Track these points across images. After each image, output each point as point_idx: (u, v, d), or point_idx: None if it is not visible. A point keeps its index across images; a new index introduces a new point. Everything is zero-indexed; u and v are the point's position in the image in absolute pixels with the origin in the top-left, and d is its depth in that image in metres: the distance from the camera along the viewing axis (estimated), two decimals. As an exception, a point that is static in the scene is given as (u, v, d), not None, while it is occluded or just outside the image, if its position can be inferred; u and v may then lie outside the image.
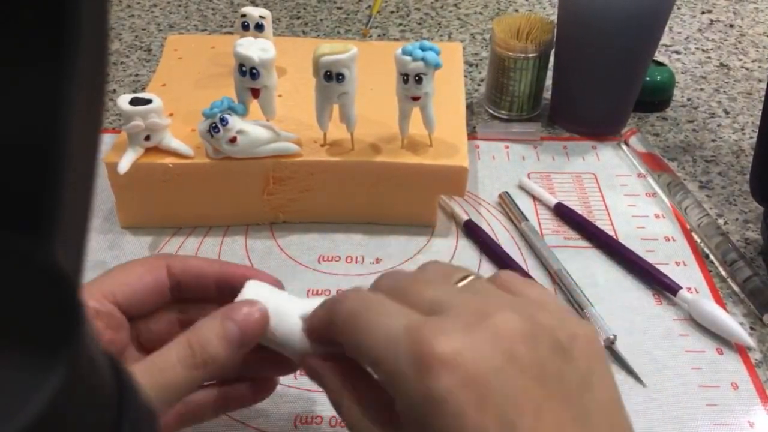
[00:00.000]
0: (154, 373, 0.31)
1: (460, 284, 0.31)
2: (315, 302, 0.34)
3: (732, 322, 0.48)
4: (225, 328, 0.32)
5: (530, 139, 0.66)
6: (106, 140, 0.59)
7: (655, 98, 0.71)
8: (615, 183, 0.62)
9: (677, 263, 0.54)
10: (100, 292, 0.34)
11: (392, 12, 0.89)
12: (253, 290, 0.35)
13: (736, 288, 0.52)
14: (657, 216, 0.59)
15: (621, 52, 0.62)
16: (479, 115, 0.70)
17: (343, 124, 0.52)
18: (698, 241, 0.56)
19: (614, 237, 0.56)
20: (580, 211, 0.58)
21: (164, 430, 0.35)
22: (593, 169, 0.63)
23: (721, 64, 0.79)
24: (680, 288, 0.51)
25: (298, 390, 0.45)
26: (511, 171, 0.63)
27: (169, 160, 0.52)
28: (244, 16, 0.60)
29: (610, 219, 0.58)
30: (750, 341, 0.47)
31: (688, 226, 0.57)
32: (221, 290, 0.36)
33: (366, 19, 0.84)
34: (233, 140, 0.50)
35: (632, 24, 0.60)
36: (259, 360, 0.36)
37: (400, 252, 0.55)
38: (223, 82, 0.58)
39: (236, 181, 0.53)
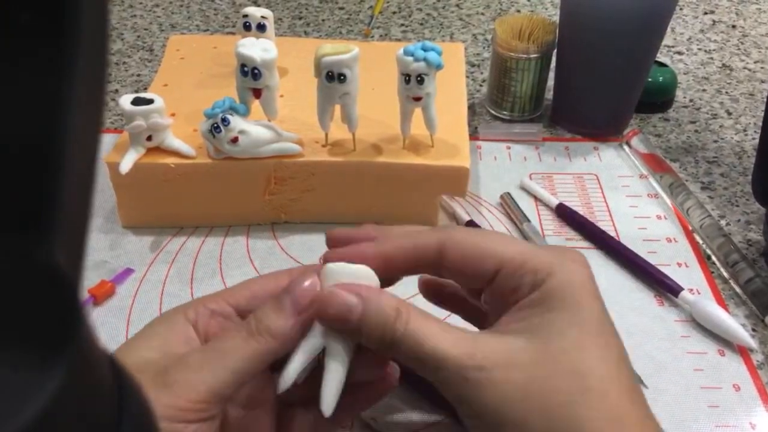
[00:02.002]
0: (215, 345, 0.32)
1: None
2: None
3: (734, 323, 0.48)
4: (278, 299, 0.33)
5: (532, 139, 0.66)
6: (108, 140, 0.59)
7: (657, 99, 0.71)
8: (617, 184, 0.62)
9: (679, 264, 0.54)
10: (222, 297, 0.36)
11: (394, 12, 0.89)
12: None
13: (738, 289, 0.52)
14: (659, 217, 0.58)
15: (623, 52, 0.61)
16: (481, 115, 0.70)
17: (345, 124, 0.52)
18: (700, 242, 0.56)
19: (616, 238, 0.56)
20: (581, 212, 0.58)
21: None
22: (595, 169, 0.63)
23: (724, 65, 0.79)
24: (682, 289, 0.51)
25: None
26: (513, 172, 0.63)
27: (170, 160, 0.52)
28: (246, 16, 0.60)
29: (612, 220, 0.58)
30: (752, 343, 0.47)
31: (690, 227, 0.57)
32: None
33: (368, 19, 0.84)
34: (235, 140, 0.50)
35: (634, 25, 0.60)
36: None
37: (402, 252, 0.55)
38: (224, 82, 0.58)
39: (238, 181, 0.53)
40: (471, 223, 0.56)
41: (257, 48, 0.49)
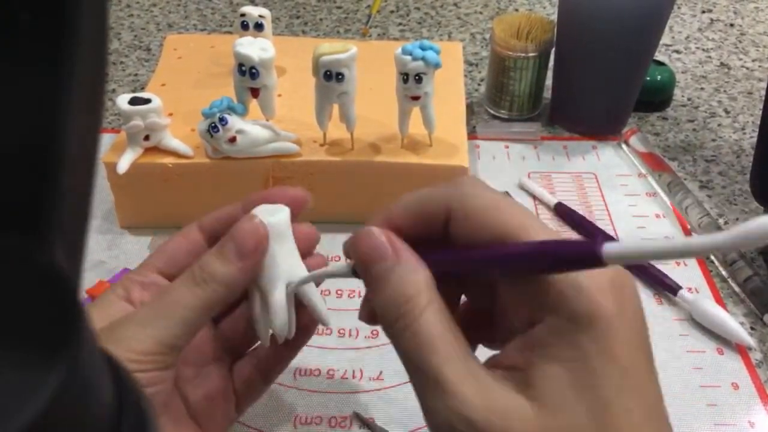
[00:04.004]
0: (162, 297, 0.32)
1: None
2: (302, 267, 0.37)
3: (732, 322, 0.48)
4: (221, 245, 0.33)
5: (530, 138, 0.66)
6: (105, 140, 0.59)
7: (656, 98, 0.71)
8: (615, 183, 0.62)
9: (677, 263, 0.54)
10: (145, 268, 0.36)
11: (392, 11, 0.89)
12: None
13: (736, 288, 0.52)
14: (657, 216, 0.59)
15: (621, 51, 0.61)
16: (479, 114, 0.70)
17: (343, 123, 0.52)
18: (698, 240, 0.56)
19: (615, 237, 0.56)
20: (580, 211, 0.58)
21: (229, 418, 0.38)
22: (593, 168, 0.63)
23: (722, 64, 0.79)
24: (680, 288, 0.51)
25: (297, 390, 0.45)
26: (511, 171, 0.63)
27: (168, 160, 0.52)
28: (243, 15, 0.60)
29: (611, 219, 0.58)
30: (750, 341, 0.47)
31: (689, 226, 0.57)
32: None
33: (366, 18, 0.83)
34: (233, 140, 0.50)
35: (632, 23, 0.60)
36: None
37: (400, 252, 0.55)
38: (222, 81, 0.58)
39: (236, 180, 0.53)
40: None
41: (255, 47, 0.49)
